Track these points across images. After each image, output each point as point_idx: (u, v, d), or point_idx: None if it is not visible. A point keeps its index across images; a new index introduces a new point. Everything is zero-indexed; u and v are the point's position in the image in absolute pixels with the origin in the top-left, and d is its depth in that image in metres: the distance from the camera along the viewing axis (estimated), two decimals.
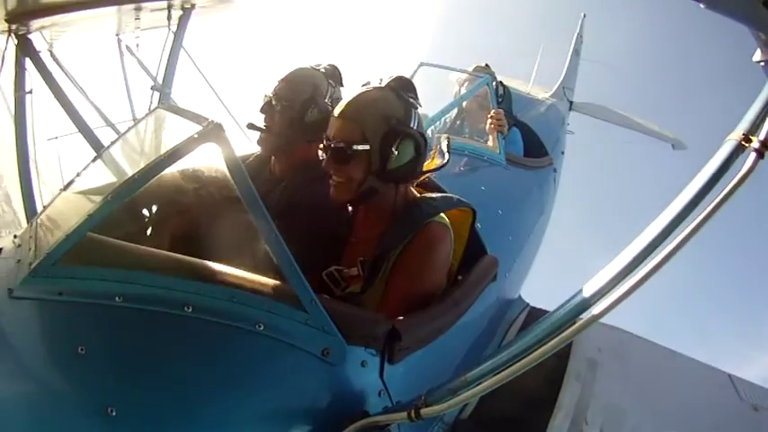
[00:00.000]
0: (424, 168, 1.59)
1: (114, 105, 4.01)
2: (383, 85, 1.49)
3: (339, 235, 1.68)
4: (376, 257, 1.47)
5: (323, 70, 1.90)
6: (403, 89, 1.49)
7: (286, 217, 1.12)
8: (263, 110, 1.86)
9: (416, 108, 1.51)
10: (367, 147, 1.42)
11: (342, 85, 1.94)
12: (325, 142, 1.49)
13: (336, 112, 1.49)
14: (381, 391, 1.24)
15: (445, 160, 1.64)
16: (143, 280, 1.14)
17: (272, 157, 1.98)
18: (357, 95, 1.49)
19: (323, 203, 1.57)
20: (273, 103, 1.82)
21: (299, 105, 1.80)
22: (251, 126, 1.88)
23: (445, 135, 1.66)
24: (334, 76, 1.92)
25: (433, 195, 1.61)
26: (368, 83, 1.53)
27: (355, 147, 1.42)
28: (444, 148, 1.65)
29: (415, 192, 1.61)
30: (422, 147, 1.48)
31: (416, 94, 1.53)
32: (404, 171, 1.47)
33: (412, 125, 1.47)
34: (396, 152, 1.42)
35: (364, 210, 1.62)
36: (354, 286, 1.49)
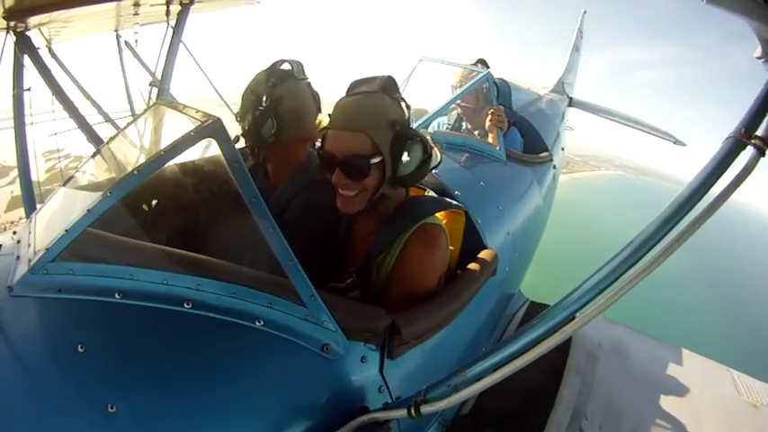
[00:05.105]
0: None
1: (113, 101, 4.00)
2: (374, 89, 1.42)
3: (335, 243, 1.65)
4: (364, 265, 1.46)
5: (288, 66, 1.84)
6: (392, 90, 1.45)
7: (281, 226, 1.12)
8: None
9: (409, 107, 1.47)
10: (381, 158, 1.38)
11: (305, 78, 1.86)
12: (328, 158, 1.40)
13: (337, 124, 1.40)
14: (381, 386, 1.24)
15: (439, 159, 1.56)
16: (143, 276, 1.14)
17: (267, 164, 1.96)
18: (355, 104, 1.40)
19: (318, 212, 1.56)
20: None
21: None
22: (239, 139, 1.83)
23: (428, 132, 1.62)
24: (299, 69, 1.85)
25: (426, 197, 1.58)
26: (354, 87, 1.46)
27: (372, 160, 1.37)
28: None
29: (411, 193, 1.58)
30: (428, 147, 1.46)
31: (401, 93, 1.50)
32: (415, 175, 1.45)
33: (413, 126, 1.43)
34: (408, 158, 1.40)
35: (363, 216, 1.54)
36: (354, 293, 1.48)
